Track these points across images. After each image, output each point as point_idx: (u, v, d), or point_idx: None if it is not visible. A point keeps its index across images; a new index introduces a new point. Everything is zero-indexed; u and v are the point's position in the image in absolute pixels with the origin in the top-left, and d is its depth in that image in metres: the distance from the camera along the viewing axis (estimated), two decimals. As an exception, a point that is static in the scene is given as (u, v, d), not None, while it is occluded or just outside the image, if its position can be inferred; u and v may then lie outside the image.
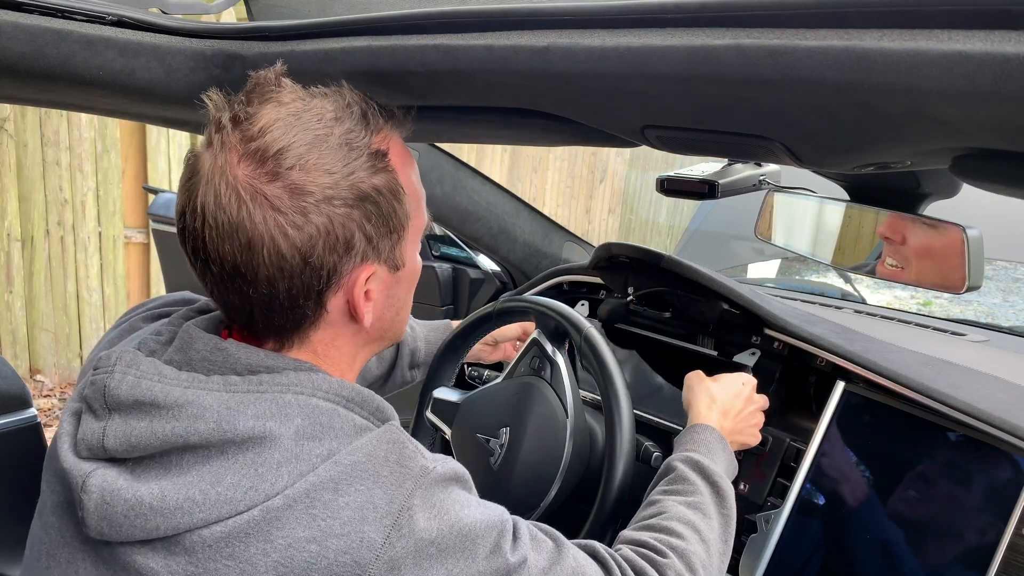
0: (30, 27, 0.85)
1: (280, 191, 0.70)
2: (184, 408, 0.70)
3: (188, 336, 0.76)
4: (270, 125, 0.71)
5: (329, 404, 0.73)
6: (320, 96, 0.75)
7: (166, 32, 0.93)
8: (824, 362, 1.25)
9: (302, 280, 0.73)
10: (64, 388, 4.02)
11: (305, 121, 0.72)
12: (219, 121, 0.72)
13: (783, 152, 0.75)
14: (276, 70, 0.76)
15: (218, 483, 0.68)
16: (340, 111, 0.75)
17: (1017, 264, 4.62)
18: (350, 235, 0.73)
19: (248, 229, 0.70)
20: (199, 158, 0.73)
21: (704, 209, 3.58)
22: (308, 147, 0.71)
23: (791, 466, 1.25)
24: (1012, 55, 0.46)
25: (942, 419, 1.09)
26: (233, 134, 0.71)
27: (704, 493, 1.00)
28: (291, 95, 0.74)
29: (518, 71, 0.71)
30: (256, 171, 0.70)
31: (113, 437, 0.71)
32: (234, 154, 0.70)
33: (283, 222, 0.70)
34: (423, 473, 0.72)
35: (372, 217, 0.74)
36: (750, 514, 1.25)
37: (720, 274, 1.37)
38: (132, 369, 0.72)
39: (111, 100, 1.01)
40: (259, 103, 0.72)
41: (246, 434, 0.69)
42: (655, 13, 0.60)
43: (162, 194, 2.23)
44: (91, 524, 0.70)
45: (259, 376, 0.73)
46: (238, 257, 0.71)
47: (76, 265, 3.94)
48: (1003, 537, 1.00)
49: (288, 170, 0.70)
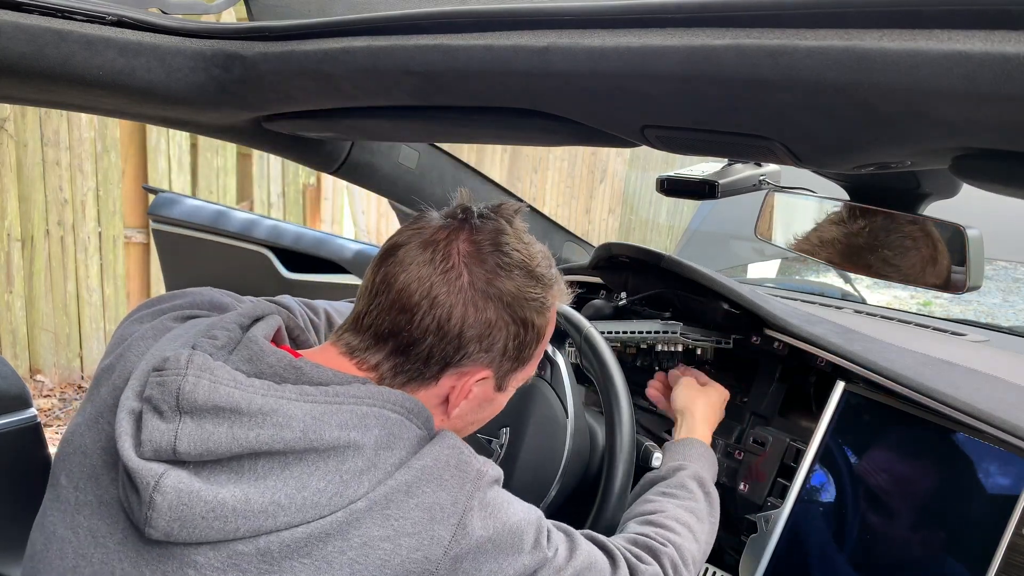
0: (30, 27, 0.85)
1: (481, 274, 0.82)
2: (269, 416, 0.72)
3: (258, 348, 0.78)
4: (498, 231, 0.84)
5: (397, 416, 0.78)
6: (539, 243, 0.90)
7: (166, 32, 0.93)
8: (824, 362, 1.25)
9: (444, 345, 0.81)
10: (64, 388, 4.01)
11: (523, 246, 0.86)
12: (466, 216, 0.85)
13: (783, 152, 0.75)
14: (513, 207, 0.89)
15: (303, 488, 0.71)
16: (544, 257, 0.88)
17: (1017, 264, 4.62)
18: (498, 340, 0.84)
19: (441, 284, 0.81)
20: (427, 224, 0.84)
21: (704, 209, 3.58)
22: (518, 263, 0.84)
23: (791, 466, 1.25)
24: (1012, 55, 0.46)
25: (942, 419, 1.09)
26: (468, 225, 0.84)
27: (700, 500, 1.11)
28: (521, 223, 0.88)
29: (518, 71, 0.71)
30: (476, 249, 0.82)
31: (187, 441, 0.71)
32: (467, 230, 0.83)
33: (469, 296, 0.81)
34: (479, 476, 0.79)
35: (517, 341, 0.85)
36: (750, 514, 1.25)
37: (720, 274, 1.37)
38: (207, 373, 0.73)
39: (111, 100, 1.01)
40: (497, 216, 0.86)
41: (331, 443, 0.73)
42: (655, 13, 0.60)
43: (162, 194, 2.23)
44: (158, 524, 0.70)
45: (331, 387, 0.77)
46: (419, 299, 0.81)
47: (76, 265, 3.94)
48: (1003, 537, 1.00)
49: (495, 266, 0.83)
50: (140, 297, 4.28)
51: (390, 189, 1.61)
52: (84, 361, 4.08)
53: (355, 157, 1.50)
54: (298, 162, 1.54)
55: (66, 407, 3.89)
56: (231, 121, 1.18)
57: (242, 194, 4.50)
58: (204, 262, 2.11)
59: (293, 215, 4.67)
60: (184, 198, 2.19)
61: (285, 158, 2.10)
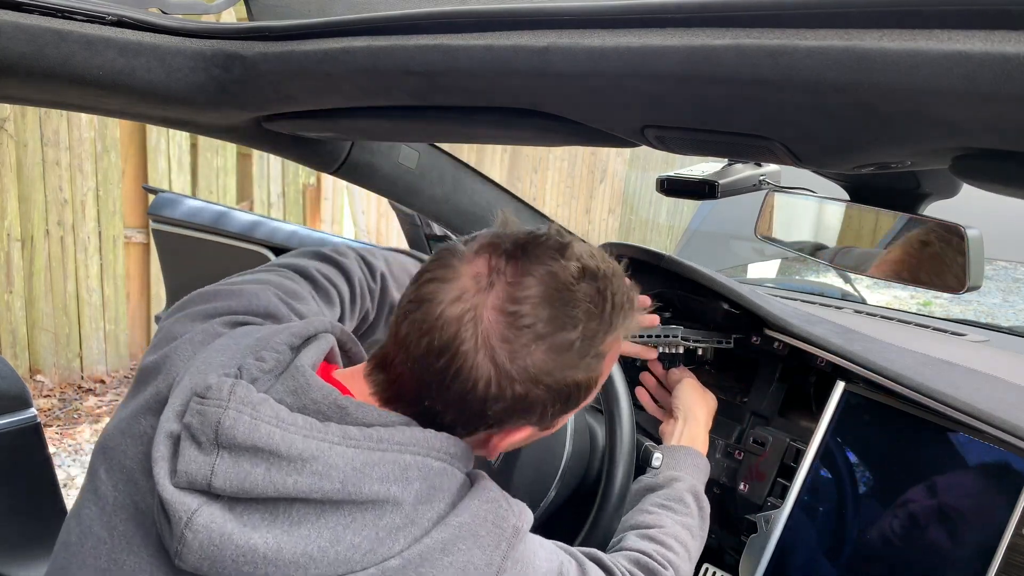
0: (30, 27, 0.85)
1: (506, 353, 0.74)
2: (308, 464, 0.69)
3: (305, 381, 0.75)
4: (528, 295, 0.75)
5: (441, 464, 0.76)
6: (587, 279, 0.78)
7: (166, 32, 0.93)
8: (824, 362, 1.25)
9: (469, 416, 0.77)
10: (64, 388, 4.01)
11: (558, 307, 0.75)
12: (497, 267, 0.76)
13: (783, 152, 0.75)
14: (566, 239, 0.79)
15: (337, 542, 0.70)
16: (594, 303, 0.78)
17: (1017, 264, 4.62)
18: (535, 409, 0.78)
19: (464, 351, 0.74)
20: (457, 271, 0.76)
21: (704, 209, 3.58)
22: (546, 334, 0.75)
23: (791, 466, 1.25)
24: (1012, 55, 0.46)
25: (942, 419, 1.09)
26: (498, 284, 0.75)
27: (695, 516, 1.12)
28: (562, 269, 0.76)
29: (518, 71, 0.71)
30: (502, 325, 0.74)
31: (223, 477, 0.69)
32: (495, 297, 0.75)
33: (498, 373, 0.74)
34: (514, 533, 0.77)
35: (559, 404, 0.79)
36: (750, 514, 1.25)
37: (720, 274, 1.37)
38: (248, 408, 0.70)
39: (111, 100, 1.01)
40: (532, 263, 0.76)
41: (370, 497, 0.71)
42: (655, 13, 0.60)
43: (162, 194, 2.22)
44: (188, 559, 0.69)
45: (375, 430, 0.74)
46: (443, 366, 0.74)
47: (76, 265, 3.94)
48: (1003, 537, 1.00)
49: (522, 344, 0.74)
50: (140, 297, 4.28)
51: (390, 189, 1.61)
52: (84, 361, 4.08)
53: (355, 157, 1.50)
54: (298, 162, 1.53)
55: (66, 407, 3.89)
56: (231, 121, 1.18)
57: (242, 194, 4.50)
58: (204, 262, 2.11)
59: (293, 215, 4.67)
60: (184, 198, 2.19)
61: (285, 158, 2.10)
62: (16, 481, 1.48)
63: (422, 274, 0.79)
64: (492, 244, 0.78)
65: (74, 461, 3.52)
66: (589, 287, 0.77)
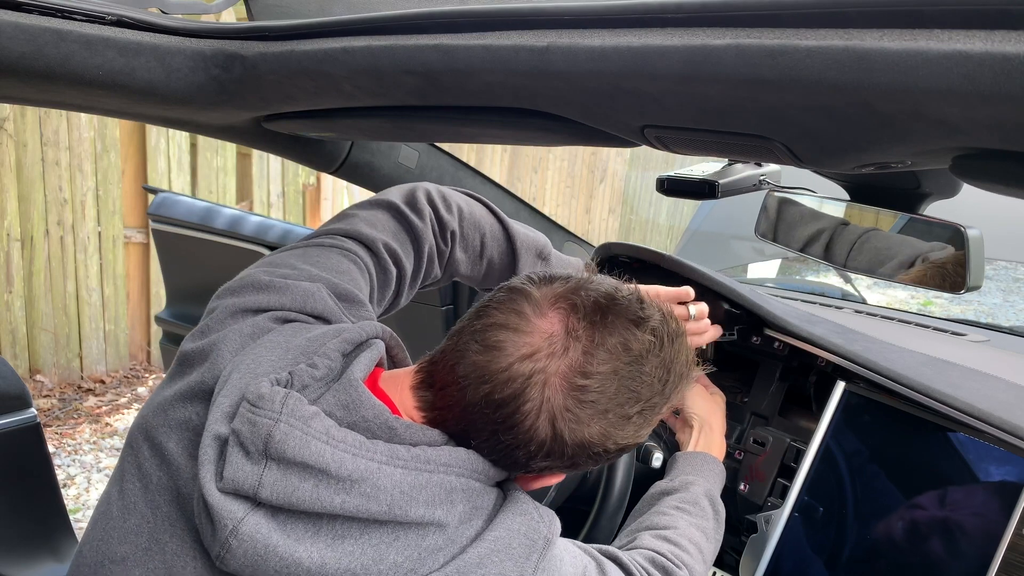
0: (30, 27, 0.85)
1: (565, 423, 0.75)
2: (357, 485, 0.70)
3: (357, 396, 0.75)
4: (598, 371, 0.75)
5: (480, 484, 0.77)
6: (655, 351, 0.78)
7: (166, 32, 0.93)
8: (824, 362, 1.25)
9: (519, 460, 0.78)
10: (64, 388, 4.01)
11: (625, 382, 0.77)
12: (573, 330, 0.75)
13: (783, 152, 0.75)
14: (645, 306, 0.79)
15: (380, 560, 0.71)
16: (659, 378, 0.79)
17: (1017, 264, 4.62)
18: (577, 465, 0.80)
19: (525, 411, 0.74)
20: (531, 323, 0.75)
21: (704, 209, 3.57)
22: (609, 409, 0.76)
23: (791, 466, 1.25)
24: (1012, 55, 0.46)
25: (942, 419, 1.09)
26: (572, 351, 0.75)
27: (710, 519, 1.12)
28: (636, 342, 0.77)
29: (518, 71, 0.71)
30: (568, 396, 0.75)
31: (270, 489, 0.69)
32: (566, 366, 0.74)
33: (554, 439, 0.75)
34: (545, 544, 0.78)
35: (603, 461, 0.81)
36: (750, 514, 1.25)
37: (720, 274, 1.37)
38: (300, 423, 0.70)
39: (111, 100, 1.01)
40: (607, 332, 0.76)
41: (416, 520, 0.72)
42: (655, 13, 0.60)
43: (162, 194, 2.23)
44: (231, 564, 0.70)
45: (422, 450, 0.74)
46: (506, 415, 0.75)
47: (76, 265, 3.94)
48: (1003, 537, 1.00)
49: (584, 416, 0.75)
50: (140, 297, 4.28)
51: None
52: (84, 361, 4.08)
53: (355, 157, 1.50)
54: (298, 162, 1.54)
55: (66, 407, 3.89)
56: (231, 121, 1.18)
57: (242, 194, 4.50)
58: (204, 262, 2.11)
59: (293, 215, 4.67)
60: (184, 198, 2.19)
61: (285, 158, 2.10)
62: (16, 481, 1.48)
63: (489, 310, 0.78)
64: (571, 302, 0.77)
65: (74, 461, 3.52)
66: (656, 360, 0.79)
